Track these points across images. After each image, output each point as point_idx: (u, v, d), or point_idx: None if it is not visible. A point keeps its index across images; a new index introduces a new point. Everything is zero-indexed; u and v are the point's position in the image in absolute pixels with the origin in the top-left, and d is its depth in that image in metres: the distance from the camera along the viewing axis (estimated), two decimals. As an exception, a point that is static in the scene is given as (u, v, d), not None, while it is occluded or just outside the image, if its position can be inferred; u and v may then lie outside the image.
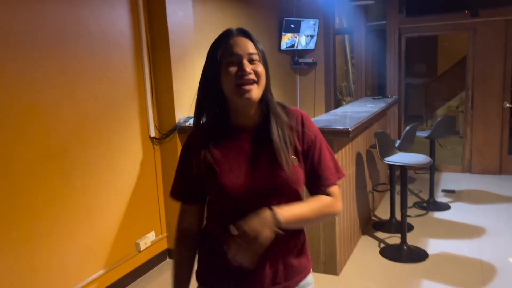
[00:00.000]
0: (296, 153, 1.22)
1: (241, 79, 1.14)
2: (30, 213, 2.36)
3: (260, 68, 1.17)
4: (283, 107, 1.25)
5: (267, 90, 1.21)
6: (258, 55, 1.18)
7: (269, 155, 1.18)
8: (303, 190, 1.26)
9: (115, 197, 2.95)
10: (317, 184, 1.25)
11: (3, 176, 2.22)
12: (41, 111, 2.41)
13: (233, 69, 1.14)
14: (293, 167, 1.19)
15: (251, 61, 1.16)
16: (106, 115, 2.85)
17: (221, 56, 1.16)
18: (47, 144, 2.45)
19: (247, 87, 1.14)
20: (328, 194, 1.24)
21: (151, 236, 3.26)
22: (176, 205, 1.32)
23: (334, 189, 1.26)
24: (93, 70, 2.74)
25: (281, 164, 1.16)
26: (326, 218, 1.31)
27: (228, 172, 1.17)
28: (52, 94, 2.47)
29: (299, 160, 1.22)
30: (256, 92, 1.16)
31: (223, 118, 1.23)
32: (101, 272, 2.83)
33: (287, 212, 1.13)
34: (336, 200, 1.25)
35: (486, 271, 3.04)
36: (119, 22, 2.93)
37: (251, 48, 1.17)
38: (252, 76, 1.15)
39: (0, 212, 2.21)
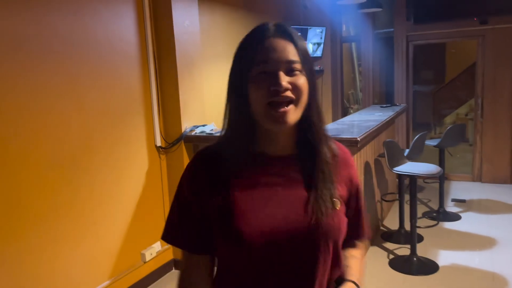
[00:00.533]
0: (339, 196, 0.96)
1: (274, 97, 0.85)
2: (34, 222, 2.34)
3: (301, 81, 0.87)
4: (330, 139, 0.99)
5: (311, 110, 0.91)
6: (301, 63, 0.87)
7: (306, 195, 0.90)
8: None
9: (121, 206, 2.93)
10: (355, 234, 1.05)
11: (9, 185, 2.21)
12: (47, 120, 2.40)
13: (265, 83, 0.85)
14: (336, 212, 0.92)
15: (290, 71, 0.86)
16: (112, 124, 2.84)
17: (251, 62, 0.87)
18: (53, 153, 2.44)
19: (281, 109, 0.85)
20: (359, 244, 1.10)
21: (157, 247, 3.23)
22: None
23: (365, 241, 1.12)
24: (100, 79, 2.74)
25: (323, 208, 0.89)
26: None
27: (247, 214, 0.86)
28: (58, 102, 2.46)
29: (341, 205, 0.95)
30: (293, 115, 0.87)
31: (247, 142, 0.92)
32: (106, 283, 2.80)
33: (359, 279, 0.99)
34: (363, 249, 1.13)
35: (498, 283, 2.97)
36: (125, 32, 2.93)
37: (291, 53, 0.87)
38: (289, 93, 0.85)
39: (4, 220, 2.19)
